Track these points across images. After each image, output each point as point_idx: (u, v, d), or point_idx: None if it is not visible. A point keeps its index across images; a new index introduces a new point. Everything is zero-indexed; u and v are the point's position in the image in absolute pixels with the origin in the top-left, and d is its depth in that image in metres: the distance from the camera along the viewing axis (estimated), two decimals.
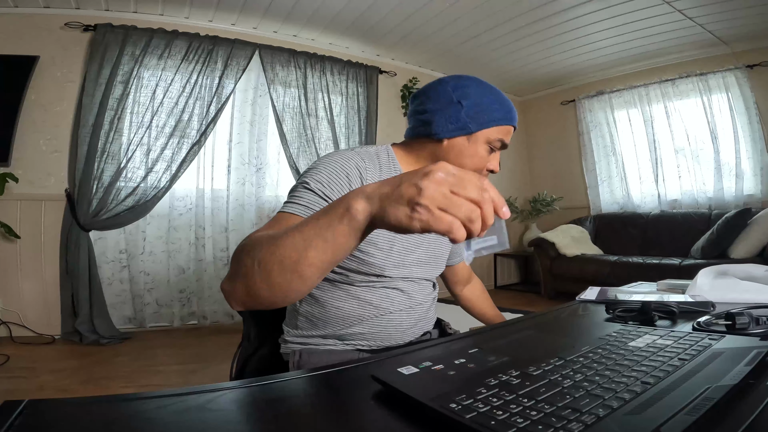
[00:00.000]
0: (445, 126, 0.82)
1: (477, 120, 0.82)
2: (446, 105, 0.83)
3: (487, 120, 0.83)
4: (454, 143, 0.84)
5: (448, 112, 0.82)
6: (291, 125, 3.51)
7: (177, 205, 3.20)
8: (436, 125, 0.83)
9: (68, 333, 2.77)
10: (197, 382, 2.11)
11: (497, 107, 0.84)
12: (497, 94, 0.85)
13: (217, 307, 3.28)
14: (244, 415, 0.39)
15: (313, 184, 0.75)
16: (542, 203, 4.81)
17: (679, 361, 0.44)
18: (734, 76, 3.77)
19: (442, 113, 0.83)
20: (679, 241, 3.69)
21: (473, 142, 0.84)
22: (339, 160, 0.78)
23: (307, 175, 0.77)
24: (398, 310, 0.86)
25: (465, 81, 0.85)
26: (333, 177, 0.76)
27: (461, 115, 0.82)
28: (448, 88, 0.84)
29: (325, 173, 0.76)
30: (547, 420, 0.32)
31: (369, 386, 0.44)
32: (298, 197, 0.74)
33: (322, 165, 0.78)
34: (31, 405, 0.39)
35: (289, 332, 0.89)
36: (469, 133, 0.83)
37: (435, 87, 0.86)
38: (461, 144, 0.84)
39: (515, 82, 4.98)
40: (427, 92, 0.86)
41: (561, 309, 0.90)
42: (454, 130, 0.82)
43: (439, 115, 0.83)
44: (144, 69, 3.01)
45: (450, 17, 3.40)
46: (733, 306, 0.68)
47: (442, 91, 0.84)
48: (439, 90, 0.84)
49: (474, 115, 0.82)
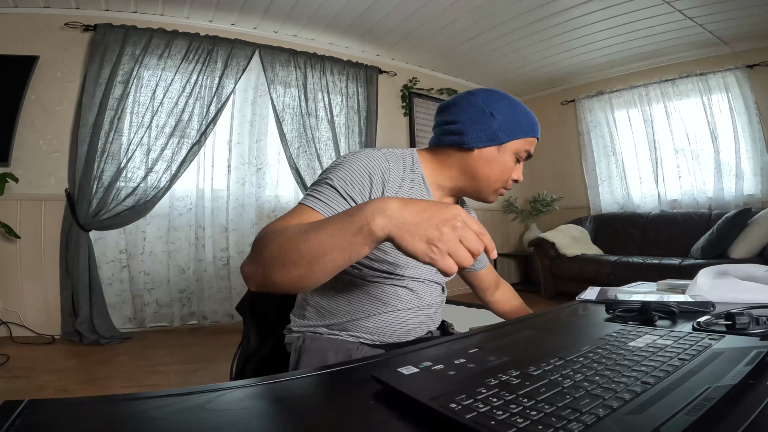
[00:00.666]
0: (478, 136, 0.84)
1: (508, 131, 0.85)
2: (479, 116, 0.85)
3: (516, 132, 0.86)
4: (484, 153, 0.86)
5: (481, 124, 0.85)
6: (291, 125, 3.51)
7: (177, 205, 3.20)
8: (468, 135, 0.85)
9: (68, 333, 2.77)
10: (197, 382, 2.11)
11: (525, 120, 0.87)
12: (524, 108, 0.89)
13: (217, 307, 3.28)
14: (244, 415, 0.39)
15: (336, 182, 0.75)
16: (542, 203, 4.81)
17: (679, 361, 0.44)
18: (734, 76, 3.77)
19: (475, 124, 0.85)
20: (679, 241, 3.69)
21: (502, 153, 0.86)
22: (364, 160, 0.78)
23: (331, 171, 0.77)
24: (406, 308, 0.87)
25: (495, 95, 0.88)
26: (356, 176, 0.76)
27: (494, 126, 0.84)
28: (479, 101, 0.86)
29: (349, 172, 0.77)
30: (547, 420, 0.32)
31: (369, 386, 0.44)
32: (319, 192, 0.75)
33: (347, 163, 0.78)
34: (31, 405, 0.39)
35: (296, 321, 0.90)
36: (499, 144, 0.85)
37: (466, 99, 0.88)
38: (491, 154, 0.86)
39: (515, 82, 4.98)
40: (458, 104, 0.88)
41: (561, 309, 0.90)
42: (486, 140, 0.85)
43: (472, 126, 0.85)
44: (144, 69, 3.01)
45: (450, 17, 3.40)
46: (733, 306, 0.68)
47: (474, 103, 0.86)
48: (471, 101, 0.87)
49: (505, 127, 0.85)
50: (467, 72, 4.63)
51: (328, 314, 0.86)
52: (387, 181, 0.80)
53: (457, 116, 0.87)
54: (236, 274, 3.34)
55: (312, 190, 0.77)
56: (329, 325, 0.86)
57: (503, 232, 5.20)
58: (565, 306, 0.92)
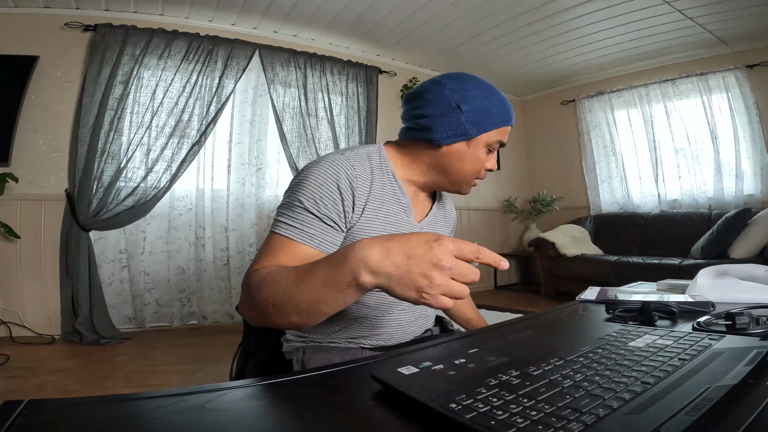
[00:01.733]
0: (445, 132, 0.80)
1: (477, 125, 0.80)
2: (446, 110, 0.80)
3: (487, 124, 0.81)
4: (454, 149, 0.82)
5: (448, 119, 0.80)
6: (291, 125, 3.51)
7: (177, 205, 3.20)
8: (435, 132, 0.80)
9: (68, 333, 2.77)
10: (197, 382, 2.11)
11: (496, 110, 0.82)
12: (496, 95, 0.84)
13: (217, 307, 3.28)
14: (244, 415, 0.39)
15: (307, 203, 0.72)
16: (542, 203, 4.81)
17: (679, 361, 0.44)
18: (734, 76, 3.77)
19: (442, 119, 0.80)
20: (679, 241, 3.69)
21: (473, 147, 0.82)
22: (328, 170, 0.74)
23: (298, 191, 0.74)
24: (397, 310, 0.86)
25: (464, 83, 0.82)
26: (325, 191, 0.73)
27: (461, 121, 0.80)
28: (446, 92, 0.81)
29: (316, 188, 0.73)
30: (547, 420, 0.32)
31: (369, 386, 0.44)
32: (292, 217, 0.72)
33: (312, 177, 0.74)
34: (31, 405, 0.39)
35: (292, 332, 0.89)
36: (469, 139, 0.81)
37: (433, 90, 0.82)
38: (461, 149, 0.82)
39: (515, 82, 4.98)
40: (424, 95, 0.83)
41: (561, 309, 0.90)
42: (454, 136, 0.80)
43: (439, 121, 0.80)
44: (144, 69, 3.01)
45: (450, 17, 3.40)
46: (733, 306, 0.68)
47: (441, 95, 0.81)
48: (438, 93, 0.81)
49: (474, 120, 0.80)
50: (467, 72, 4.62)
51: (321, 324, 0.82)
52: (356, 188, 0.76)
53: (424, 110, 0.82)
54: (236, 273, 3.34)
55: (284, 216, 0.73)
56: (326, 333, 0.85)
57: (503, 232, 5.20)
58: (565, 306, 0.92)
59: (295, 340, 0.88)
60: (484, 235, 4.90)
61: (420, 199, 0.92)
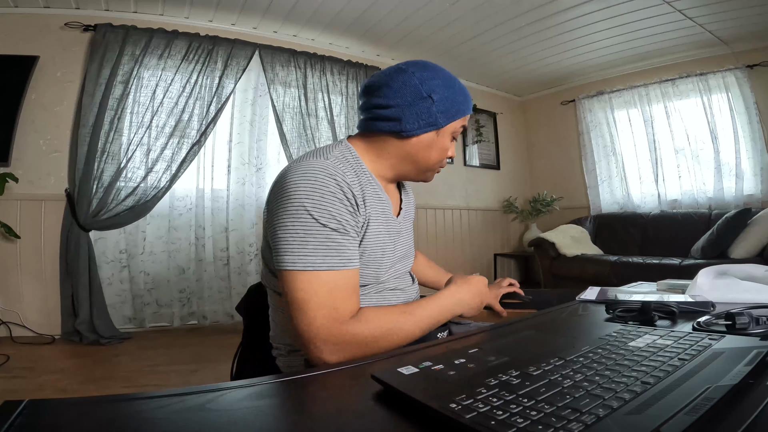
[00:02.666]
0: (416, 122, 0.78)
1: (446, 114, 0.80)
2: (416, 100, 0.78)
3: (454, 113, 0.81)
4: (423, 139, 0.81)
5: (418, 108, 0.78)
6: (291, 125, 3.51)
7: (177, 205, 3.20)
8: (405, 122, 0.78)
9: (68, 333, 2.77)
10: (197, 382, 2.11)
11: (461, 98, 0.82)
12: (458, 83, 0.83)
13: (217, 307, 3.28)
14: (244, 415, 0.39)
15: (333, 224, 0.68)
16: (542, 203, 4.81)
17: (679, 361, 0.44)
18: (734, 76, 3.77)
19: (411, 109, 0.78)
20: (679, 241, 3.69)
21: (441, 136, 0.82)
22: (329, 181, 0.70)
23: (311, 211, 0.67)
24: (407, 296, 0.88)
25: (429, 72, 0.80)
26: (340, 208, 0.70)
27: (432, 110, 0.78)
28: (414, 81, 0.78)
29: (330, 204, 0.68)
30: (547, 420, 0.32)
31: (369, 386, 0.44)
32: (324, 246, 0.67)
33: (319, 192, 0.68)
34: (31, 405, 0.39)
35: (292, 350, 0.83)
36: (438, 128, 0.80)
37: (399, 78, 0.79)
38: (430, 139, 0.81)
39: (515, 82, 4.98)
40: (390, 84, 0.79)
41: (561, 309, 0.90)
42: (424, 126, 0.79)
43: (408, 111, 0.78)
44: (144, 69, 3.01)
45: (450, 17, 3.40)
46: (733, 306, 0.68)
47: (409, 84, 0.78)
48: (406, 82, 0.78)
49: (444, 109, 0.79)
50: (467, 72, 4.62)
51: None
52: (355, 195, 0.73)
53: (390, 99, 0.78)
54: (236, 274, 3.34)
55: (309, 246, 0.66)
56: None
57: (503, 232, 5.20)
58: (565, 306, 0.92)
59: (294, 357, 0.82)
60: (483, 235, 4.90)
61: (391, 193, 0.90)
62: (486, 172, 5.02)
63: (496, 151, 5.16)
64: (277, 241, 0.68)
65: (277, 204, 0.70)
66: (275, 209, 0.70)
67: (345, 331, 0.65)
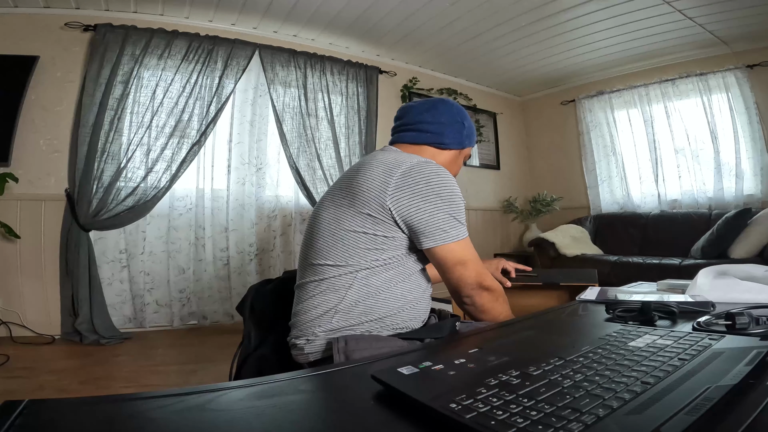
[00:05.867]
0: (453, 138, 1.02)
1: (469, 138, 1.06)
2: (454, 122, 1.03)
3: (471, 140, 1.07)
4: (450, 154, 1.04)
5: (455, 128, 1.03)
6: (291, 125, 3.51)
7: (177, 205, 3.20)
8: (447, 136, 1.02)
9: (68, 333, 2.77)
10: (197, 382, 2.11)
11: (473, 132, 1.08)
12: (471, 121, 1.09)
13: (217, 307, 3.28)
14: (244, 415, 0.39)
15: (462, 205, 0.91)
16: (542, 203, 4.81)
17: (679, 361, 0.44)
18: (734, 76, 3.77)
19: (451, 128, 1.02)
20: (679, 241, 3.69)
21: (459, 156, 1.07)
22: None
23: (458, 198, 0.89)
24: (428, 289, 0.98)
25: (460, 107, 1.07)
26: None
27: (462, 133, 1.04)
28: (453, 109, 1.04)
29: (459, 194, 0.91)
30: (547, 420, 0.32)
31: (369, 386, 0.44)
32: (465, 222, 0.91)
33: (455, 185, 0.90)
34: (31, 405, 0.39)
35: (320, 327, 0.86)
36: (462, 148, 1.06)
37: (443, 105, 1.04)
38: (454, 155, 1.05)
39: (515, 82, 4.98)
40: (437, 107, 1.03)
41: (561, 309, 0.90)
42: (456, 143, 1.03)
43: (449, 129, 1.02)
44: (144, 69, 3.01)
45: (450, 17, 3.40)
46: (733, 306, 0.68)
47: (450, 111, 1.04)
48: (448, 107, 1.04)
49: (468, 135, 1.05)
50: (467, 72, 4.63)
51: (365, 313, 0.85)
52: None
53: (436, 118, 1.02)
54: (236, 274, 3.34)
55: (462, 219, 0.89)
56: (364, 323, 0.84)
57: (503, 232, 5.20)
58: (565, 306, 0.92)
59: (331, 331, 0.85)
60: (484, 235, 4.90)
61: None
62: (486, 172, 5.02)
63: (496, 151, 5.15)
64: (434, 221, 0.85)
65: (428, 190, 0.85)
66: (425, 195, 0.85)
67: (490, 283, 0.91)
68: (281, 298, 1.01)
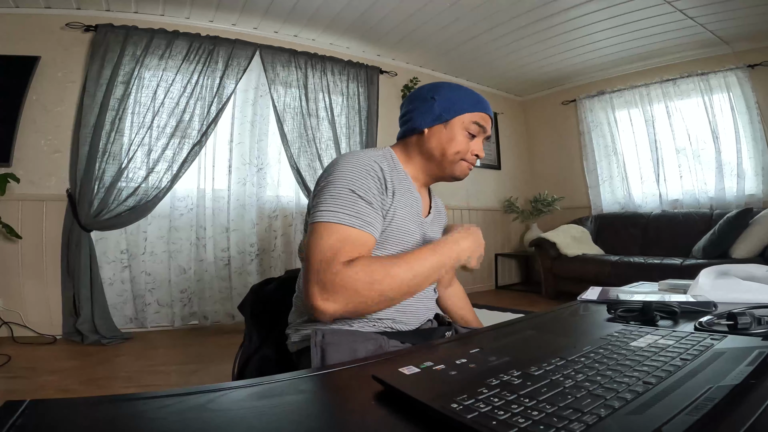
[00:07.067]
0: (423, 118, 0.94)
1: (449, 110, 0.93)
2: (421, 102, 0.95)
3: (458, 108, 0.93)
4: (434, 131, 0.94)
5: (423, 108, 0.94)
6: (292, 125, 3.51)
7: (178, 205, 3.21)
8: (415, 120, 0.94)
9: (69, 333, 2.77)
10: (198, 382, 2.12)
11: (467, 98, 0.95)
12: (466, 89, 0.97)
13: (218, 308, 3.28)
14: (245, 415, 0.39)
15: (358, 191, 0.78)
16: (543, 203, 4.81)
17: (681, 361, 0.44)
18: (735, 76, 3.77)
19: (419, 110, 0.95)
20: (681, 241, 3.68)
21: (450, 128, 0.94)
22: (364, 161, 0.83)
23: (344, 181, 0.78)
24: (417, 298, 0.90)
25: (437, 84, 0.98)
26: (369, 180, 0.81)
27: (435, 108, 0.93)
28: (422, 92, 0.97)
29: (362, 177, 0.80)
30: (549, 420, 0.32)
31: (370, 386, 0.44)
32: (348, 207, 0.76)
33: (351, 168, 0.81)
34: (32, 405, 0.39)
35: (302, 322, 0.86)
36: (444, 121, 0.93)
37: (414, 93, 0.99)
38: (439, 131, 0.94)
39: (516, 82, 4.98)
40: (408, 98, 1.00)
41: (562, 309, 0.90)
42: (431, 120, 0.93)
43: (417, 112, 0.95)
44: (145, 69, 3.01)
45: (450, 17, 3.40)
46: (734, 306, 0.67)
47: (418, 94, 0.98)
48: (415, 93, 0.98)
49: (447, 106, 0.93)
50: (468, 72, 4.62)
51: None
52: (387, 181, 0.84)
53: (406, 107, 0.98)
54: (237, 274, 3.35)
55: (337, 206, 0.76)
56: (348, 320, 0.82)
57: (504, 232, 5.20)
58: (566, 306, 0.92)
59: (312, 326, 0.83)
60: (484, 235, 4.86)
61: (423, 195, 1.01)
62: (487, 172, 5.02)
63: (497, 151, 5.15)
64: (314, 205, 0.79)
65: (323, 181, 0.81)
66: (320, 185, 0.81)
67: (335, 273, 0.68)
68: (282, 298, 1.01)
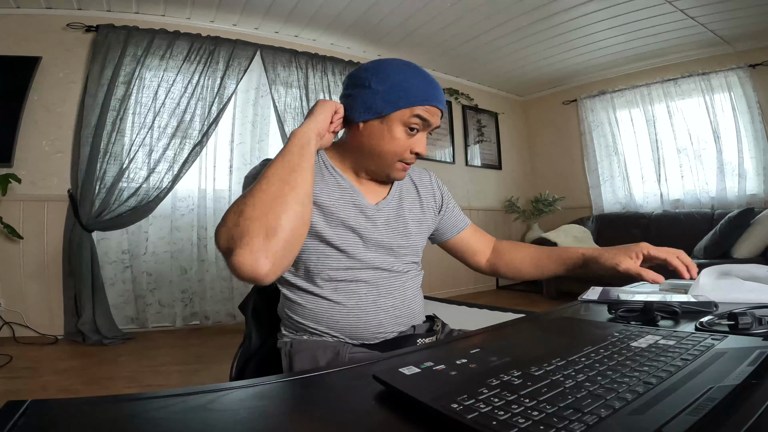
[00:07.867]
0: (359, 109, 0.81)
1: (389, 102, 0.79)
2: (361, 89, 0.81)
3: (398, 102, 0.79)
4: (369, 126, 0.82)
5: (362, 96, 0.81)
6: (293, 125, 3.51)
7: (179, 205, 3.21)
8: (353, 109, 0.82)
9: (71, 333, 2.77)
10: (199, 382, 2.12)
11: (413, 89, 0.80)
12: (418, 75, 0.82)
13: (219, 308, 3.28)
14: (246, 415, 0.39)
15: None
16: (544, 203, 4.80)
17: (682, 362, 0.44)
18: (736, 76, 3.76)
19: (358, 97, 0.82)
20: (682, 241, 3.67)
21: (387, 124, 0.81)
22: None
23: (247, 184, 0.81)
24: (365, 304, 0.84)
25: (384, 64, 0.83)
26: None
27: (373, 98, 0.80)
28: (361, 74, 0.83)
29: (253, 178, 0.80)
30: (549, 420, 0.31)
31: (370, 386, 0.44)
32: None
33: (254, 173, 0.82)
34: (34, 405, 0.39)
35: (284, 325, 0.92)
36: (381, 117, 0.80)
37: (353, 73, 0.85)
38: (375, 127, 0.82)
39: (517, 82, 4.98)
40: (347, 79, 0.86)
41: (563, 309, 0.90)
42: (366, 113, 0.81)
43: (356, 99, 0.82)
44: (146, 70, 3.02)
45: (451, 17, 3.40)
46: (735, 306, 0.67)
47: (356, 76, 0.83)
48: (354, 75, 0.84)
49: (387, 98, 0.79)
50: (469, 72, 4.62)
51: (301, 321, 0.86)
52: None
53: (348, 89, 0.85)
54: None
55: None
56: (310, 331, 0.85)
57: (505, 232, 5.19)
58: (567, 306, 0.91)
59: (287, 335, 0.90)
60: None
61: (370, 185, 0.92)
62: (488, 172, 5.01)
63: (498, 151, 5.15)
64: None
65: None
66: None
67: (217, 234, 0.68)
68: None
